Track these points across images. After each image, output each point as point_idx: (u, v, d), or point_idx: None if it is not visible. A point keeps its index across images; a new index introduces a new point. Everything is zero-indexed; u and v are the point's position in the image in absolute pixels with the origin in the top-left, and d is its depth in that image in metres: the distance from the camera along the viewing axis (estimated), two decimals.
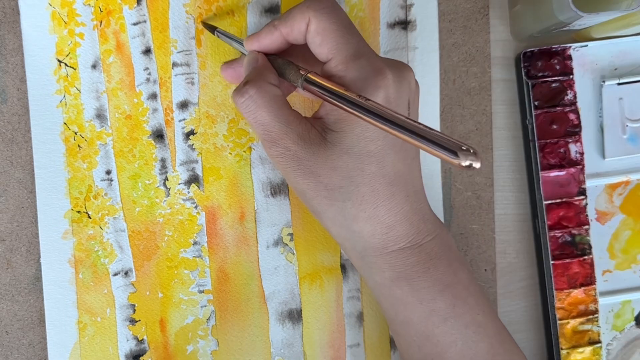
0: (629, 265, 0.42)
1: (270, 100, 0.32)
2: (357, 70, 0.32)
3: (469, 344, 0.34)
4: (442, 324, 0.33)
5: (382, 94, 0.31)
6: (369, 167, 0.32)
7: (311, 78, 0.31)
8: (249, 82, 0.33)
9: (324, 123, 0.33)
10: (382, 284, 0.34)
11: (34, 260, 0.40)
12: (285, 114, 0.33)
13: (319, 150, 0.32)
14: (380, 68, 0.32)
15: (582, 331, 0.41)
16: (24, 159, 0.39)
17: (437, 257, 0.34)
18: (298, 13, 0.33)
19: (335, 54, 0.32)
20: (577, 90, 0.41)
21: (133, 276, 0.40)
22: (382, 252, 0.33)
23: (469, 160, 0.24)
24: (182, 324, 0.40)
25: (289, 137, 0.32)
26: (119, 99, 0.39)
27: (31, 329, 0.40)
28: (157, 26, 0.39)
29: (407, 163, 0.33)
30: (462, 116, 0.41)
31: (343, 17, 0.33)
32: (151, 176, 0.40)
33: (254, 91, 0.33)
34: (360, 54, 0.32)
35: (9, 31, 0.39)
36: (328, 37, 0.32)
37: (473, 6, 0.41)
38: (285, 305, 0.41)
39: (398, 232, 0.33)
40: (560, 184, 0.41)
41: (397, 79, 0.32)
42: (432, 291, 0.33)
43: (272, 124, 0.32)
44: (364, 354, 0.41)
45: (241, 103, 0.33)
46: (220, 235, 0.40)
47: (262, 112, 0.32)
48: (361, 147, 0.32)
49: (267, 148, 0.33)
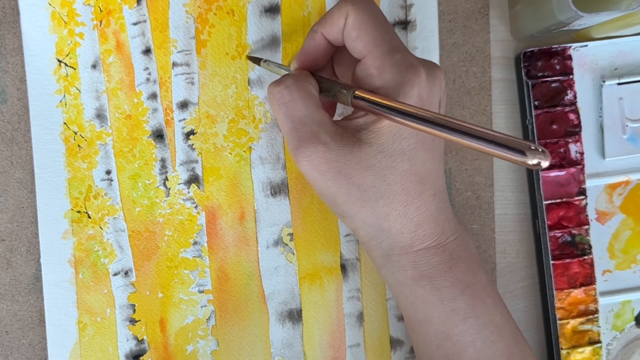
0: (629, 265, 0.42)
1: (306, 96, 0.32)
2: (392, 66, 0.32)
3: (487, 344, 0.34)
4: (462, 323, 0.33)
5: (416, 91, 0.31)
6: (402, 165, 0.32)
7: (359, 94, 0.32)
8: (288, 76, 0.33)
9: (359, 124, 0.33)
10: (404, 282, 0.34)
11: (34, 260, 0.40)
12: (318, 114, 0.32)
13: (352, 151, 0.32)
14: (414, 65, 0.32)
15: (582, 331, 0.41)
16: (24, 159, 0.39)
17: (458, 257, 0.34)
18: (336, 9, 0.33)
19: (370, 49, 0.32)
20: (577, 90, 0.41)
21: (133, 276, 0.40)
22: (408, 251, 0.33)
23: (537, 159, 0.25)
24: (182, 324, 0.40)
25: (320, 137, 0.32)
26: (119, 98, 0.39)
27: (31, 329, 0.40)
28: (157, 26, 0.39)
29: (435, 161, 0.34)
30: (462, 116, 0.41)
31: (379, 13, 0.33)
32: (151, 176, 0.40)
33: (292, 82, 0.33)
34: (395, 50, 0.32)
35: (9, 31, 0.39)
36: (365, 32, 0.32)
37: (473, 6, 0.41)
38: (285, 305, 0.41)
39: (425, 230, 0.33)
40: (560, 184, 0.41)
41: (430, 78, 0.32)
42: (453, 291, 0.33)
43: (304, 120, 0.32)
44: (364, 354, 0.41)
45: (276, 92, 0.33)
46: (220, 235, 0.40)
47: (296, 104, 0.32)
48: (396, 146, 0.32)
49: (294, 149, 0.32)
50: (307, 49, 0.35)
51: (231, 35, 0.40)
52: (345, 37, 0.33)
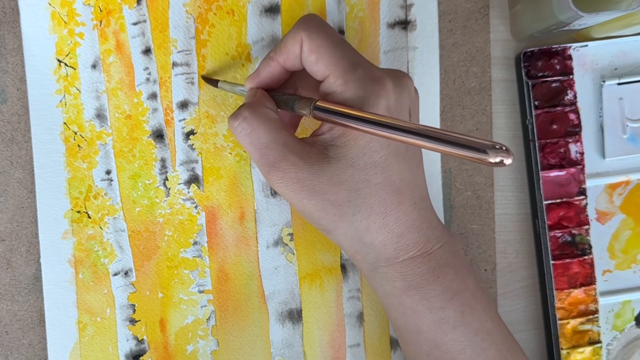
0: (629, 265, 0.42)
1: (266, 122, 0.32)
2: (356, 82, 0.32)
3: (477, 351, 0.34)
4: (452, 331, 0.33)
5: (383, 103, 0.31)
6: (375, 178, 0.32)
7: (320, 105, 0.31)
8: (244, 106, 0.33)
9: (325, 140, 0.33)
10: (392, 293, 0.34)
11: (34, 260, 0.40)
12: (282, 136, 0.32)
13: (322, 168, 0.32)
14: (379, 77, 0.32)
15: (582, 331, 0.41)
16: (24, 159, 0.39)
17: (445, 264, 0.34)
18: (290, 37, 0.33)
19: (332, 69, 0.32)
20: (577, 90, 0.41)
21: (133, 276, 0.40)
22: (393, 262, 0.33)
23: (500, 157, 0.25)
24: (182, 324, 0.40)
25: (288, 158, 0.32)
26: (118, 98, 0.39)
27: (31, 329, 0.40)
28: (157, 26, 0.39)
29: (412, 170, 0.33)
30: (462, 116, 0.41)
31: (333, 33, 0.33)
32: (151, 176, 0.40)
33: (248, 112, 0.33)
34: (356, 65, 0.32)
35: (9, 31, 0.39)
36: (323, 53, 0.32)
37: (473, 6, 0.41)
38: (285, 305, 0.41)
39: (408, 240, 0.33)
40: (561, 184, 0.41)
41: (397, 87, 0.32)
42: (442, 299, 0.33)
43: (269, 146, 0.32)
44: (364, 354, 0.41)
45: (236, 126, 0.33)
46: (220, 235, 0.40)
47: (258, 133, 0.32)
48: (366, 159, 0.32)
49: (266, 174, 0.32)
50: (261, 74, 0.35)
51: (231, 35, 0.40)
52: (304, 62, 0.33)
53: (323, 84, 0.33)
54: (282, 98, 0.34)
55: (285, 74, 0.35)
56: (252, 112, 0.33)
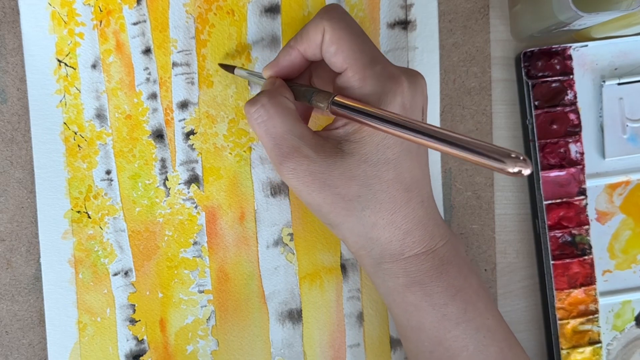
0: (629, 265, 0.42)
1: (283, 111, 0.32)
2: (374, 78, 0.32)
3: (479, 348, 0.34)
4: (454, 328, 0.33)
5: (398, 101, 0.31)
6: (387, 174, 0.32)
7: (339, 101, 0.31)
8: (262, 92, 0.33)
9: (340, 135, 0.33)
10: (395, 289, 0.34)
11: (34, 260, 0.40)
12: (298, 128, 0.32)
13: (335, 162, 0.32)
14: (396, 75, 0.32)
15: (582, 331, 0.41)
16: (24, 159, 0.39)
17: (448, 262, 0.34)
18: (312, 26, 0.33)
19: (351, 62, 0.32)
20: (577, 90, 0.41)
21: (133, 276, 0.40)
22: (398, 258, 0.33)
23: (518, 167, 0.24)
24: (182, 324, 0.40)
25: (302, 150, 0.32)
26: (118, 98, 0.39)
27: (31, 329, 0.40)
28: (157, 26, 0.39)
29: (422, 168, 0.34)
30: (462, 116, 0.41)
31: (356, 26, 0.33)
32: (151, 176, 0.40)
33: (267, 100, 0.32)
34: (375, 61, 0.32)
35: (9, 31, 0.39)
36: (343, 46, 0.32)
37: (473, 6, 0.41)
38: (285, 305, 0.41)
39: (414, 237, 0.33)
40: (561, 184, 0.41)
41: (412, 86, 0.32)
42: (445, 296, 0.33)
43: (284, 136, 0.32)
44: (364, 354, 0.41)
45: (252, 112, 0.32)
46: (220, 235, 0.40)
47: (275, 121, 0.32)
48: (380, 155, 0.32)
49: (278, 164, 0.32)
50: (281, 63, 0.35)
51: (231, 35, 0.40)
52: (323, 53, 0.33)
53: (340, 77, 0.33)
54: (299, 89, 0.34)
55: (305, 64, 0.35)
56: (271, 99, 0.32)
